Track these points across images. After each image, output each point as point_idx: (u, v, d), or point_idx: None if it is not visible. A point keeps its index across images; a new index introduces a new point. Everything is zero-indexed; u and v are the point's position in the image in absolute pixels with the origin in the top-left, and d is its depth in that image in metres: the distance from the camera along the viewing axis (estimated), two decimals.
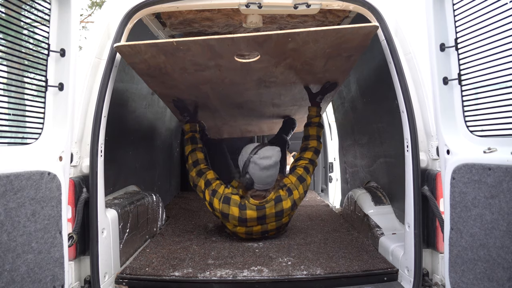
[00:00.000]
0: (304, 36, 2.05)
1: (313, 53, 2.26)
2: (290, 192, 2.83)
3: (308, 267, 2.34)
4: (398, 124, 2.28)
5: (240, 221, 2.77)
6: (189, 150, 3.04)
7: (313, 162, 3.04)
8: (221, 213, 2.80)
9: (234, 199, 2.78)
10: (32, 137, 1.73)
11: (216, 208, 2.81)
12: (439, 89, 1.80)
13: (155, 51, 2.12)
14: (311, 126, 3.08)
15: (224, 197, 2.80)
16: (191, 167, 2.99)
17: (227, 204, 2.77)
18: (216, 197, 2.82)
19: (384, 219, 2.85)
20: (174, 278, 2.23)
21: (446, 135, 1.80)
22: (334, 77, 2.75)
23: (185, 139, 3.12)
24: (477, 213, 1.59)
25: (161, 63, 2.26)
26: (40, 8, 1.71)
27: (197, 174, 2.94)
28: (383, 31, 2.22)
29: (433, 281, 2.12)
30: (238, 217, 2.75)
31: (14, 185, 1.47)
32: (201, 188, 2.90)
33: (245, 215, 2.75)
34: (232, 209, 2.76)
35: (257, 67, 2.41)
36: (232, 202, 2.77)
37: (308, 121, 3.12)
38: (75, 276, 2.04)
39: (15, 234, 1.48)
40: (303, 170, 2.97)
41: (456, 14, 1.75)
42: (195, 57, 2.19)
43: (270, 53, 2.23)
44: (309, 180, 2.98)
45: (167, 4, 2.25)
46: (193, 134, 3.09)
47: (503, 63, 1.53)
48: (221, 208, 2.78)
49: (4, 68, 1.73)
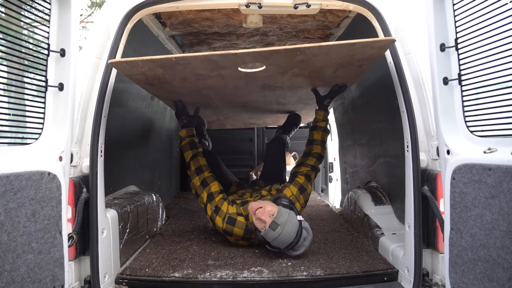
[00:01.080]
0: (315, 50, 1.92)
1: (323, 63, 2.16)
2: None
3: (308, 267, 2.34)
4: (398, 124, 2.28)
5: (244, 239, 2.73)
6: (190, 156, 2.90)
7: (315, 169, 2.95)
8: (224, 230, 2.73)
9: (240, 222, 2.68)
10: (32, 137, 1.73)
11: (219, 226, 2.73)
12: (439, 89, 1.80)
13: (152, 65, 2.02)
14: (317, 130, 2.99)
15: (229, 217, 2.70)
16: (193, 175, 2.85)
17: (232, 225, 2.69)
18: (219, 215, 2.72)
19: (384, 219, 2.85)
20: (174, 279, 2.23)
21: (446, 135, 1.80)
22: (343, 81, 2.67)
23: (183, 145, 2.97)
24: (477, 213, 1.59)
25: (160, 75, 2.17)
26: (40, 8, 1.71)
27: (201, 183, 2.81)
28: (383, 31, 2.22)
29: (433, 281, 2.11)
30: (242, 236, 2.71)
31: (14, 185, 1.47)
32: (203, 201, 2.80)
33: (249, 235, 2.70)
34: (236, 230, 2.69)
35: (262, 76, 2.31)
36: (238, 224, 2.69)
37: (313, 124, 3.04)
38: (75, 276, 2.04)
39: (15, 234, 1.48)
40: (304, 178, 2.88)
41: (456, 14, 1.74)
42: (196, 69, 2.10)
43: (277, 64, 2.12)
44: (310, 188, 2.91)
45: (167, 4, 2.25)
46: (191, 139, 2.95)
47: (503, 63, 1.53)
48: (225, 228, 2.71)
49: (4, 68, 1.73)
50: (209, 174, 2.87)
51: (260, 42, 3.52)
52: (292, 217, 2.43)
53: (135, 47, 2.90)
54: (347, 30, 3.12)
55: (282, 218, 2.39)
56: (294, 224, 2.41)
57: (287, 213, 2.43)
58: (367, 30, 2.45)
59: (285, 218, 2.39)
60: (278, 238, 2.37)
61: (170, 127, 4.65)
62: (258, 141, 5.60)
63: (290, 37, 3.39)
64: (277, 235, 2.36)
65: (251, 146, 5.46)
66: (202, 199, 2.80)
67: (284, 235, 2.37)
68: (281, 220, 2.38)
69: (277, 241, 2.39)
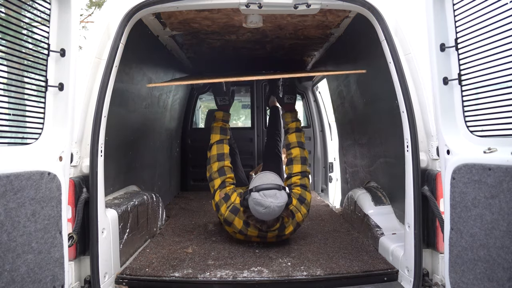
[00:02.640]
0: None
1: None
2: (292, 215, 2.75)
3: (308, 267, 2.34)
4: (398, 124, 2.28)
5: (241, 233, 2.76)
6: (217, 139, 2.94)
7: (305, 174, 2.94)
8: (224, 219, 2.76)
9: (241, 213, 2.70)
10: (32, 137, 1.72)
11: (222, 213, 2.77)
12: (439, 89, 1.79)
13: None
14: (289, 133, 3.04)
15: (233, 207, 2.74)
16: (213, 159, 2.89)
17: (234, 215, 2.73)
18: (226, 203, 2.76)
19: (384, 219, 2.84)
20: (174, 278, 2.23)
21: (446, 135, 1.80)
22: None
23: (213, 126, 3.00)
24: (477, 213, 1.59)
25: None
26: (40, 8, 1.71)
27: (218, 170, 2.86)
28: (383, 31, 2.22)
29: (433, 281, 2.11)
30: (240, 229, 2.73)
31: (14, 185, 1.47)
32: (215, 186, 2.85)
33: (246, 231, 2.72)
34: (236, 219, 2.72)
35: None
36: (239, 215, 2.71)
37: (285, 129, 3.11)
38: (75, 276, 2.04)
39: (15, 234, 1.47)
40: (300, 188, 2.88)
41: (456, 14, 1.74)
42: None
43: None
44: (310, 196, 2.90)
45: (167, 4, 2.25)
46: (224, 124, 3.01)
47: (503, 63, 1.53)
48: (226, 216, 2.74)
49: (4, 68, 1.73)
50: (229, 164, 2.91)
51: (259, 42, 3.52)
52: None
53: (135, 47, 2.90)
54: (347, 30, 3.12)
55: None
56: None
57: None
58: (367, 30, 2.45)
59: None
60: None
61: (170, 127, 4.65)
62: (258, 141, 5.59)
63: (290, 38, 3.39)
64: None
65: (251, 146, 5.46)
66: (214, 184, 2.85)
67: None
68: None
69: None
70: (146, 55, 3.23)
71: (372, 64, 3.00)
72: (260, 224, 2.58)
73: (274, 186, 2.52)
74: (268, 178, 2.61)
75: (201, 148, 5.41)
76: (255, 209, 2.49)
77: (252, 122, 5.56)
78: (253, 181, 2.66)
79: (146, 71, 3.35)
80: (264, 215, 2.48)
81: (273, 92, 4.10)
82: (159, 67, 3.66)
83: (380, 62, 2.32)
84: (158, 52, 3.50)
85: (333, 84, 4.37)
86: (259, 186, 2.51)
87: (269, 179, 2.60)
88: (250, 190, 2.55)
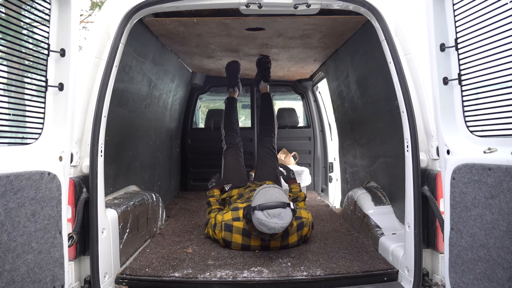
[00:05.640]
0: None
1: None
2: (300, 227, 2.73)
3: (308, 267, 2.34)
4: (398, 124, 2.28)
5: (243, 248, 2.70)
6: (208, 211, 3.20)
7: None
8: (224, 240, 2.72)
9: (237, 227, 2.67)
10: (32, 137, 1.72)
11: (218, 239, 2.75)
12: (439, 89, 1.79)
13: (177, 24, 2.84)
14: (299, 201, 3.27)
15: (225, 224, 2.70)
16: (209, 214, 3.14)
17: (230, 232, 2.68)
18: (216, 229, 2.75)
19: (384, 219, 2.85)
20: (174, 278, 2.23)
21: (446, 135, 1.80)
22: None
23: (207, 202, 3.27)
24: (477, 213, 1.59)
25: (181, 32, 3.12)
26: (40, 8, 1.71)
27: (209, 222, 2.98)
28: (383, 31, 2.22)
29: (433, 281, 2.11)
30: (241, 244, 2.69)
31: (14, 185, 1.47)
32: (209, 230, 2.91)
33: (248, 243, 2.67)
34: (234, 236, 2.68)
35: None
36: (235, 230, 2.68)
37: (294, 197, 3.30)
38: (75, 276, 2.04)
39: (15, 234, 1.47)
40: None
41: (456, 14, 1.74)
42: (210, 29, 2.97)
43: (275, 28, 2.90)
44: (303, 194, 3.35)
45: (167, 4, 2.25)
46: (215, 199, 3.26)
47: (503, 63, 1.53)
48: (224, 236, 2.70)
49: (4, 68, 1.73)
50: (216, 207, 3.17)
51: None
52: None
53: (135, 47, 2.90)
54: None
55: None
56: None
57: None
58: (367, 30, 2.45)
59: None
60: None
61: (170, 127, 4.65)
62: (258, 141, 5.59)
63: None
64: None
65: (251, 146, 5.45)
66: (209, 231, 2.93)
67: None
68: None
69: None
70: (146, 55, 3.23)
71: (372, 64, 3.00)
72: (263, 235, 2.53)
73: (279, 204, 2.42)
74: (272, 195, 2.49)
75: (201, 148, 5.45)
76: (259, 228, 2.44)
77: (252, 122, 5.55)
78: (257, 197, 2.54)
79: (146, 71, 3.35)
80: (268, 233, 2.45)
81: (264, 76, 4.03)
82: (159, 66, 3.66)
83: (380, 62, 2.32)
84: (158, 52, 3.50)
85: (333, 84, 4.37)
86: (263, 205, 2.41)
87: (273, 196, 2.48)
88: (253, 208, 2.45)
